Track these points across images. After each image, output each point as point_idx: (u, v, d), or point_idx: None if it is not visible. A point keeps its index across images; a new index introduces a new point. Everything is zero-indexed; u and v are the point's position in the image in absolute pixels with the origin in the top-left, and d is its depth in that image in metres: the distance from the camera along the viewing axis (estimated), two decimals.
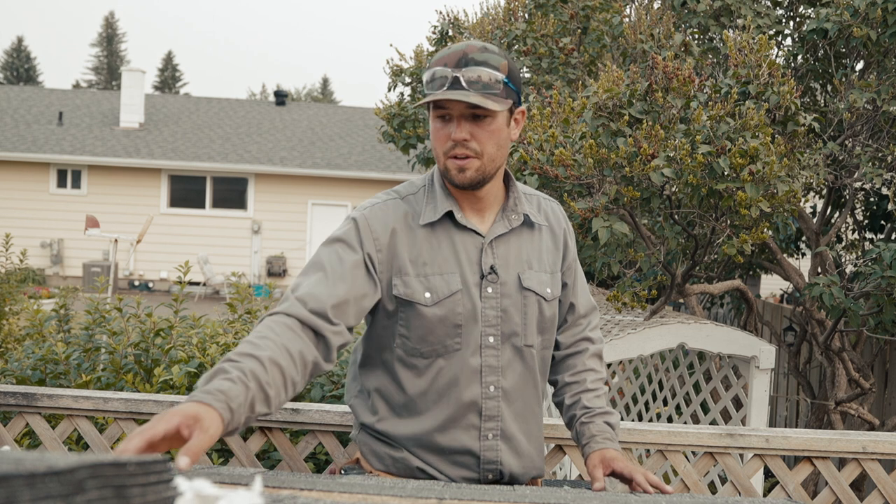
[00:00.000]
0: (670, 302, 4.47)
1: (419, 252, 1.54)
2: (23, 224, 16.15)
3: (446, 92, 1.45)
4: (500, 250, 1.58)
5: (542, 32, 4.90)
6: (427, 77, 1.50)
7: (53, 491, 0.60)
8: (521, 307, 1.58)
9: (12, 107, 18.82)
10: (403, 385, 1.56)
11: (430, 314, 1.52)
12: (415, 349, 1.55)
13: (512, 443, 1.59)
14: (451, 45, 1.56)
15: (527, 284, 1.59)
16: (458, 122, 1.48)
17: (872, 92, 3.71)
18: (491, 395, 1.56)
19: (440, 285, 1.53)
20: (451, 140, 1.49)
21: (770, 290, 12.98)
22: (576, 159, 3.23)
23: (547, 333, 1.65)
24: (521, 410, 1.61)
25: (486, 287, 1.55)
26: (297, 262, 17.32)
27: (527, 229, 1.63)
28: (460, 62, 1.47)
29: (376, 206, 1.57)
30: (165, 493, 0.76)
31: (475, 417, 1.56)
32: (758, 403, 3.32)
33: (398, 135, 5.84)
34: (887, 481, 2.09)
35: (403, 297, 1.52)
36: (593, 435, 1.62)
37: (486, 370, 1.56)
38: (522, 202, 1.63)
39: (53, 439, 2.18)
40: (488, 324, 1.56)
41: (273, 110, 20.52)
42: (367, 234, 1.52)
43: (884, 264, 3.32)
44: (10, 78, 43.09)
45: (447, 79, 1.46)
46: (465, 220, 1.57)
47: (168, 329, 3.02)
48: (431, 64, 1.51)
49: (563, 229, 1.71)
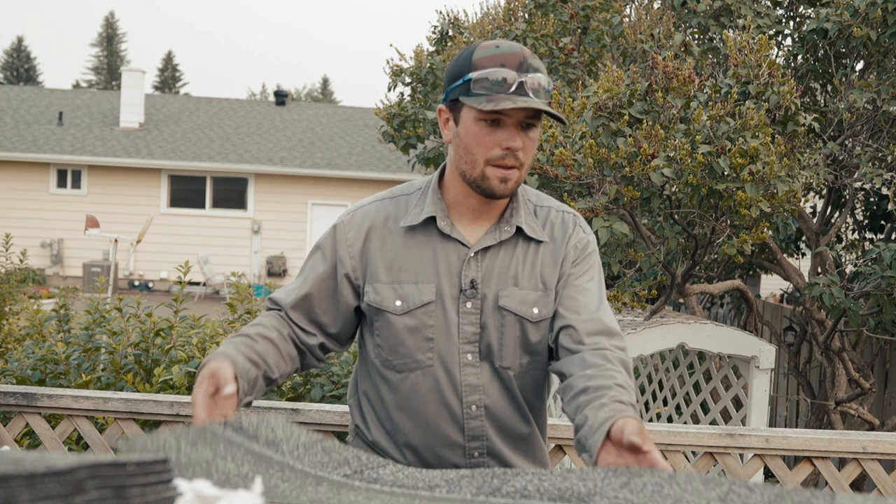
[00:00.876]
0: (670, 302, 4.47)
1: (394, 257, 1.47)
2: (23, 224, 16.15)
3: (527, 101, 1.33)
4: (485, 263, 1.47)
5: (542, 32, 4.90)
6: (477, 76, 1.36)
7: (53, 491, 0.60)
8: (499, 326, 1.46)
9: (12, 107, 18.83)
10: (383, 399, 1.51)
11: (399, 324, 1.45)
12: (388, 360, 1.48)
13: (501, 459, 1.51)
14: (491, 43, 1.41)
15: (503, 304, 1.45)
16: (515, 130, 1.38)
17: (872, 92, 3.71)
18: (473, 415, 1.47)
19: (412, 294, 1.45)
20: (502, 148, 1.38)
21: (770, 290, 12.97)
22: (576, 159, 3.24)
23: (536, 355, 1.50)
24: (507, 429, 1.51)
25: (464, 302, 1.45)
26: (297, 262, 17.32)
27: (521, 242, 1.49)
28: (522, 66, 1.36)
29: (359, 211, 1.53)
30: (165, 494, 0.76)
31: (458, 436, 1.48)
32: (758, 403, 3.32)
33: (398, 135, 5.84)
34: (887, 481, 2.09)
35: (374, 304, 1.47)
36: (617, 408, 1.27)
37: (467, 389, 1.46)
38: (520, 213, 1.49)
39: (53, 439, 2.18)
40: (466, 340, 1.46)
41: (273, 110, 20.52)
42: (343, 240, 1.50)
43: (884, 264, 3.32)
44: (10, 78, 43.10)
45: (512, 83, 1.34)
46: (451, 227, 1.47)
47: (168, 329, 3.02)
48: (480, 62, 1.37)
49: (567, 238, 1.52)
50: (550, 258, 1.51)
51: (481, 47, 1.40)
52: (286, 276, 17.10)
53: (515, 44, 1.42)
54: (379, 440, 1.55)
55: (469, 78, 1.37)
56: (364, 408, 1.58)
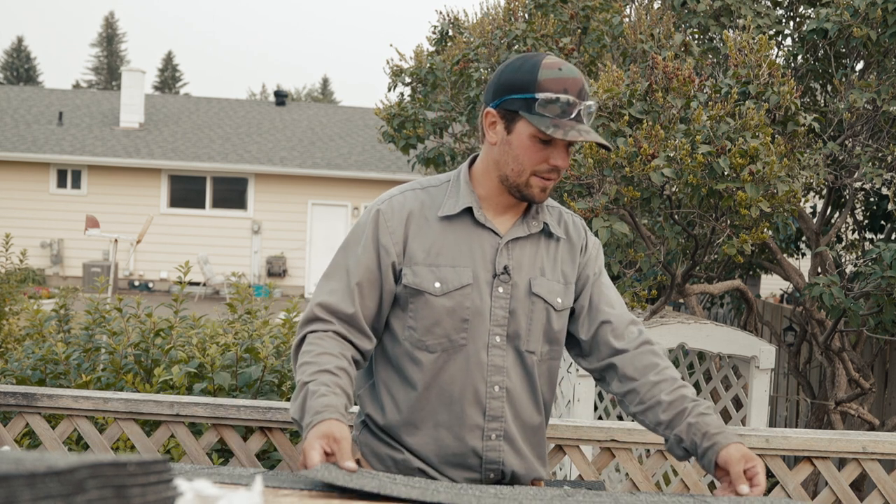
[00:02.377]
0: (670, 302, 4.47)
1: (433, 243, 1.56)
2: (23, 224, 16.14)
3: (589, 134, 1.49)
4: (515, 252, 1.59)
5: (543, 32, 4.90)
6: (544, 98, 1.47)
7: (53, 491, 0.60)
8: (528, 312, 1.58)
9: (12, 107, 18.82)
10: (410, 380, 1.57)
11: (438, 304, 1.54)
12: (421, 341, 1.55)
13: (514, 444, 1.59)
14: (552, 62, 1.50)
15: (536, 290, 1.59)
16: (564, 151, 1.52)
17: (872, 92, 3.71)
18: (496, 395, 1.56)
19: (451, 277, 1.55)
20: (549, 164, 1.52)
21: (770, 290, 12.97)
22: (576, 159, 3.24)
23: (555, 344, 1.64)
24: (522, 415, 1.60)
25: (497, 286, 1.56)
26: (297, 262, 17.32)
27: (544, 238, 1.64)
28: (581, 93, 1.50)
29: (395, 199, 1.61)
30: (165, 493, 0.76)
31: (479, 417, 1.56)
32: (758, 403, 3.32)
33: (398, 135, 5.84)
34: (887, 481, 2.08)
35: (413, 286, 1.54)
36: (722, 430, 1.47)
37: (492, 369, 1.56)
38: (544, 211, 1.64)
39: (53, 439, 2.18)
40: (496, 323, 1.56)
41: (273, 110, 20.52)
42: (385, 228, 1.57)
43: (884, 264, 3.32)
44: (10, 78, 43.09)
45: (574, 110, 1.48)
46: (485, 218, 1.58)
47: (168, 329, 3.02)
48: (546, 84, 1.48)
49: (582, 239, 1.69)
50: (568, 255, 1.66)
51: (546, 66, 1.50)
52: (286, 276, 17.10)
53: (574, 67, 1.52)
54: (393, 424, 1.59)
55: (535, 97, 1.48)
56: (381, 394, 1.62)
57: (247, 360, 2.88)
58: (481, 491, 1.31)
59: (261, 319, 3.28)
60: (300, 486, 1.23)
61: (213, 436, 2.18)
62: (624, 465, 2.13)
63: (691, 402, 1.53)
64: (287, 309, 3.16)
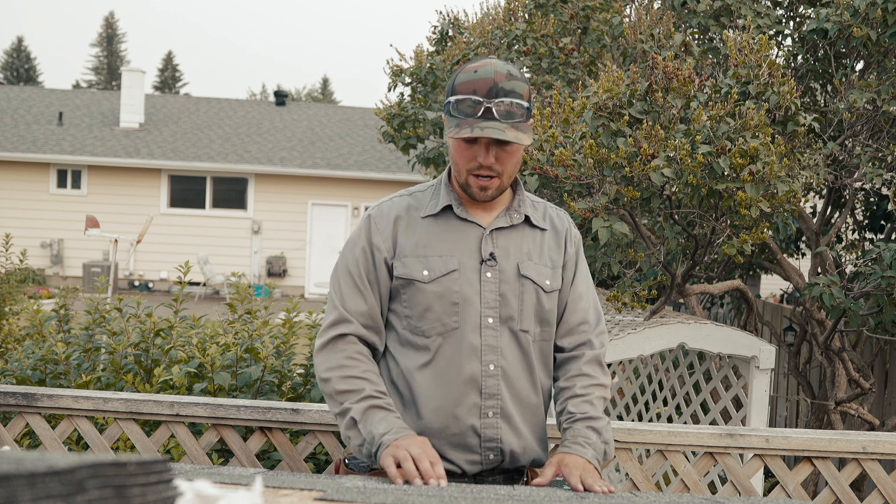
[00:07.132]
0: (670, 302, 4.47)
1: (420, 238, 1.68)
2: (23, 224, 16.15)
3: (485, 129, 1.54)
4: (500, 241, 1.69)
5: (542, 32, 4.90)
6: (455, 100, 1.58)
7: (54, 491, 0.60)
8: (519, 293, 1.67)
9: (12, 107, 18.82)
10: (410, 365, 1.66)
11: (428, 291, 1.64)
12: (417, 327, 1.65)
13: (511, 422, 1.66)
14: (474, 66, 1.60)
15: (525, 272, 1.68)
16: (486, 149, 1.60)
17: (872, 92, 3.71)
18: (491, 374, 1.64)
19: (437, 265, 1.65)
20: (477, 163, 1.61)
21: (770, 290, 12.98)
22: (576, 159, 3.24)
23: (546, 325, 1.72)
24: (519, 394, 1.67)
25: (485, 272, 1.66)
26: (297, 262, 17.32)
27: (528, 228, 1.73)
28: (490, 92, 1.56)
29: (384, 204, 1.74)
30: (165, 493, 0.76)
31: (475, 395, 1.63)
32: (758, 403, 3.32)
33: (398, 135, 5.84)
34: (887, 481, 2.08)
35: (403, 276, 1.66)
36: (565, 439, 1.67)
37: (486, 349, 1.64)
38: (526, 205, 1.74)
39: (53, 439, 2.18)
40: (487, 305, 1.65)
41: (273, 110, 20.52)
42: (375, 229, 1.70)
43: (884, 264, 3.32)
44: (10, 78, 43.08)
45: (479, 109, 1.55)
46: (466, 213, 1.69)
47: (168, 329, 3.02)
48: (458, 88, 1.58)
49: (566, 230, 1.79)
50: (554, 243, 1.77)
51: (464, 71, 1.61)
52: (286, 276, 17.10)
53: (496, 67, 1.58)
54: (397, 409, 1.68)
55: (449, 101, 1.61)
56: (384, 381, 1.71)
57: (247, 360, 2.88)
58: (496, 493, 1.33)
59: (261, 319, 3.28)
60: (300, 486, 1.23)
61: (213, 436, 2.18)
62: (624, 465, 2.13)
63: (566, 414, 1.70)
64: (287, 309, 3.16)
